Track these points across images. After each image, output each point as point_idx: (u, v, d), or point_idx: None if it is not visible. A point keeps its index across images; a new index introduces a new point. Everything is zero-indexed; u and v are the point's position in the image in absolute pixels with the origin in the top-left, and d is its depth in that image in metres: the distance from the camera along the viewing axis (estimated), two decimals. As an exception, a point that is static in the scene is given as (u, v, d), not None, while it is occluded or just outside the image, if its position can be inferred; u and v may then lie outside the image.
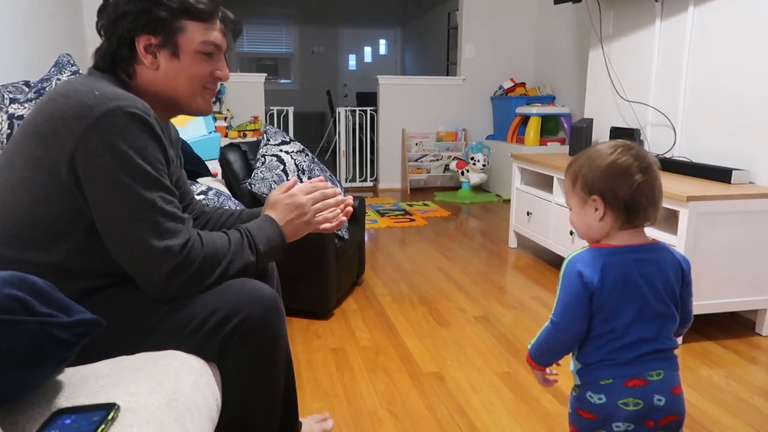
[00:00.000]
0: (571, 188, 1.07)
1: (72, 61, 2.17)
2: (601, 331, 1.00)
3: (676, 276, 1.03)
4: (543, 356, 1.08)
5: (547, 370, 1.13)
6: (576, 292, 0.99)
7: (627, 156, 1.00)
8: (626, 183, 0.98)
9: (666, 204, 2.18)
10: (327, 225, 1.29)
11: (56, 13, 3.59)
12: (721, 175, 2.39)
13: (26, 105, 1.92)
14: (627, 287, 0.99)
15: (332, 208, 1.30)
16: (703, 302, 2.17)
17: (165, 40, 1.09)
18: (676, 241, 2.15)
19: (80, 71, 2.14)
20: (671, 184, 2.31)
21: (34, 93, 1.98)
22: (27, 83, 2.21)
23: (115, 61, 1.10)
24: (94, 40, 1.11)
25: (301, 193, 1.25)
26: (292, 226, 1.23)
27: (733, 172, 2.35)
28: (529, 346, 1.10)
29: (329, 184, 1.33)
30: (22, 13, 3.01)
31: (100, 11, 1.11)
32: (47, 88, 2.00)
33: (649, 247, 1.03)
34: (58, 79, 2.04)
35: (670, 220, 2.29)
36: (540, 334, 1.06)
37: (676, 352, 1.04)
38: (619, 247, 1.01)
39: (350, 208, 1.36)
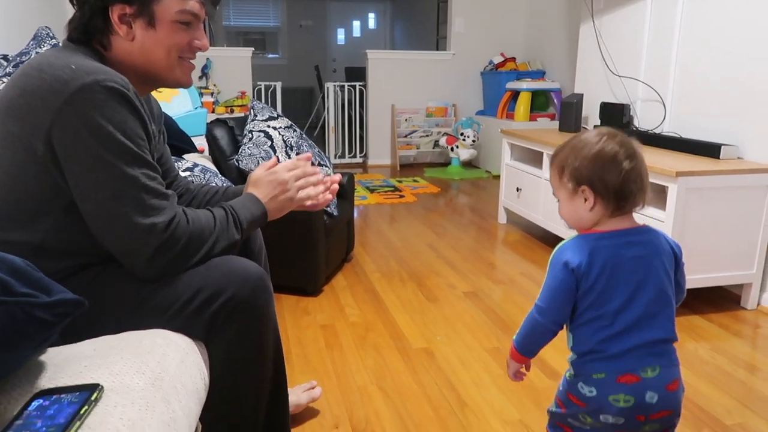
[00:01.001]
0: (558, 180, 1.05)
1: (51, 34, 2.11)
2: (591, 317, 0.99)
3: (670, 260, 1.02)
4: (527, 344, 1.07)
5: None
6: (561, 278, 0.99)
7: (613, 144, 0.99)
8: (615, 171, 0.97)
9: (655, 180, 2.18)
10: (312, 202, 1.28)
11: (35, -16, 3.48)
12: (710, 150, 2.39)
13: (4, 80, 1.87)
14: (617, 271, 0.98)
15: (315, 185, 1.28)
16: (690, 277, 2.17)
17: (140, 10, 1.05)
18: (665, 217, 2.16)
19: (60, 44, 2.08)
20: (660, 160, 2.31)
21: (12, 67, 1.93)
22: (5, 57, 2.15)
23: (89, 31, 1.06)
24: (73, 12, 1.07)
25: (283, 170, 1.24)
26: (275, 202, 1.22)
27: (722, 147, 2.35)
28: (514, 337, 1.09)
29: (311, 156, 1.31)
30: (-1, -16, 2.92)
31: None
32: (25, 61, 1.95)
33: (640, 230, 1.02)
34: (37, 53, 1.99)
35: (659, 196, 2.29)
36: (524, 322, 1.06)
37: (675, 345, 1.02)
38: (608, 231, 1.01)
39: (336, 186, 1.35)
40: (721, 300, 2.39)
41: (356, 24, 9.77)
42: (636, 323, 0.97)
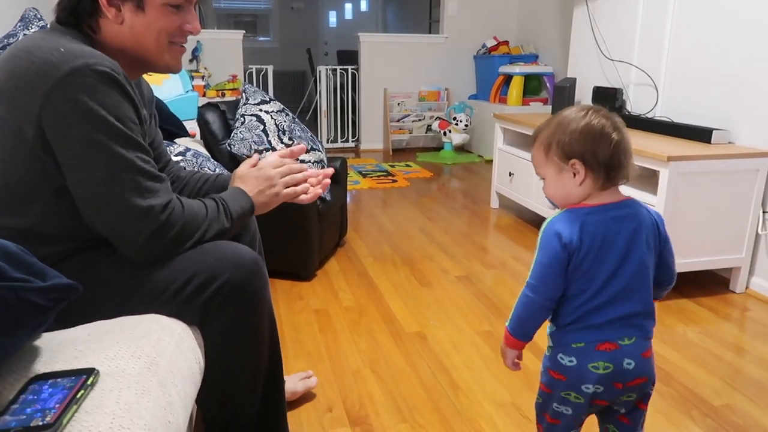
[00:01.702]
0: (544, 157, 1.05)
1: (39, 16, 2.08)
2: (577, 291, 1.00)
3: (652, 234, 1.04)
4: (521, 326, 1.05)
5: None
6: (554, 254, 0.99)
7: (599, 117, 0.99)
8: (605, 142, 0.98)
9: (646, 164, 2.19)
10: (303, 196, 1.29)
11: (21, -36, 3.41)
12: (702, 135, 2.41)
13: (-8, 62, 1.85)
14: (605, 245, 0.99)
15: (300, 182, 1.28)
16: (680, 261, 2.20)
17: None
18: (656, 201, 2.17)
19: (48, 26, 2.05)
20: (652, 144, 2.32)
21: None
22: (-8, 39, 2.12)
23: (77, 14, 1.04)
24: (62, -7, 1.05)
25: (268, 167, 1.24)
26: (262, 196, 1.22)
27: (714, 132, 2.36)
28: (507, 323, 1.08)
29: (305, 148, 1.31)
30: (-16, -35, 2.86)
31: None
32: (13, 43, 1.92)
33: (626, 203, 1.03)
34: (25, 35, 1.96)
35: (651, 180, 2.30)
36: (516, 304, 1.05)
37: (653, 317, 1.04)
38: (596, 206, 1.01)
39: (328, 180, 1.35)
40: (710, 283, 2.42)
41: (348, 6, 9.68)
42: (618, 296, 0.99)
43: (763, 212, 2.30)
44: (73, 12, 1.04)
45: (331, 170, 1.37)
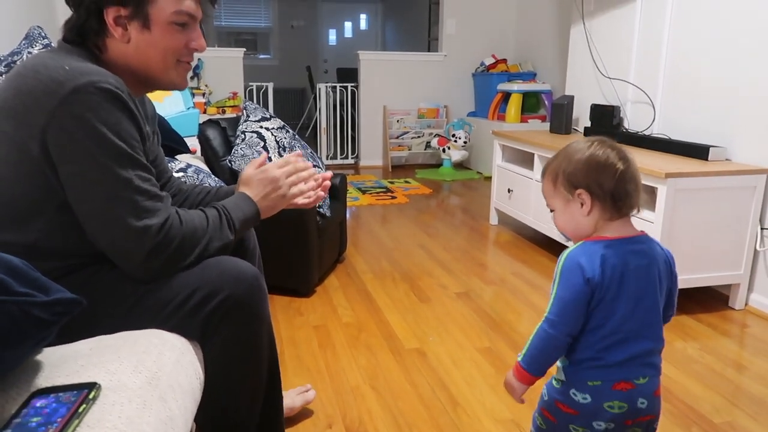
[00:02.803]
0: (552, 188, 1.05)
1: (43, 34, 2.10)
2: (595, 326, 0.98)
3: (666, 270, 1.03)
4: (537, 362, 1.02)
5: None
6: (578, 289, 0.96)
7: (605, 148, 1.00)
8: (609, 172, 0.98)
9: (645, 181, 2.20)
10: (304, 200, 1.29)
11: (25, -17, 3.46)
12: (699, 152, 2.43)
13: (-4, 79, 1.86)
14: (623, 281, 0.98)
15: (306, 180, 1.28)
16: (679, 277, 2.20)
17: (135, 11, 1.04)
18: (654, 218, 2.18)
19: (52, 44, 2.08)
20: (650, 161, 2.34)
21: (4, 67, 1.92)
22: (-4, 57, 2.14)
23: (84, 33, 1.05)
24: (66, 12, 1.07)
25: (273, 168, 1.24)
26: (267, 200, 1.22)
27: (711, 149, 2.38)
28: (520, 357, 1.04)
29: (301, 154, 1.32)
30: (-11, -16, 2.90)
31: None
32: (18, 62, 1.94)
33: (641, 239, 1.02)
34: (29, 53, 1.98)
35: (649, 197, 2.32)
36: (532, 338, 1.01)
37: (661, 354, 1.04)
38: (614, 239, 1.00)
39: (328, 182, 1.36)
40: (709, 300, 2.42)
41: (348, 25, 9.78)
42: (636, 332, 0.98)
43: (761, 229, 2.31)
44: (80, 31, 1.05)
45: (329, 173, 1.37)
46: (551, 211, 1.08)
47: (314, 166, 2.45)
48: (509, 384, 1.07)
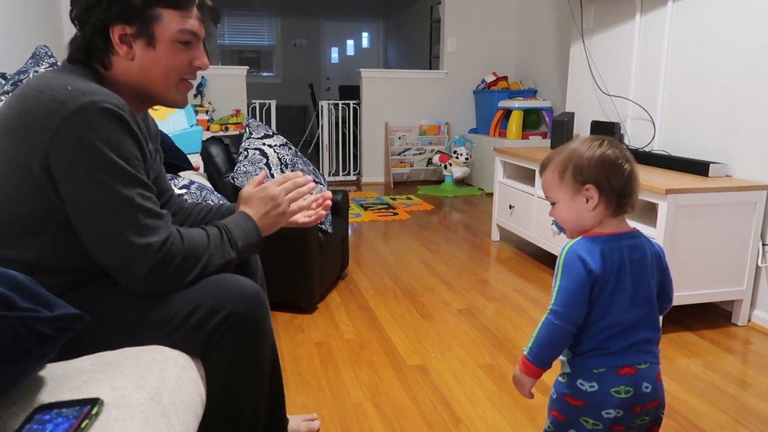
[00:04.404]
0: (558, 181, 1.08)
1: (49, 53, 2.13)
2: (596, 318, 1.02)
3: (658, 263, 1.08)
4: (544, 353, 1.04)
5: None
6: (580, 279, 1.01)
7: (613, 148, 1.05)
8: (619, 172, 1.03)
9: (645, 197, 2.22)
10: (305, 219, 1.29)
11: (32, 3, 3.52)
12: (699, 168, 2.44)
13: (2, 98, 1.89)
14: (621, 274, 1.02)
15: (306, 196, 1.30)
16: (681, 293, 2.21)
17: (140, 30, 1.06)
18: (655, 234, 2.18)
19: (58, 63, 2.10)
20: (651, 177, 2.34)
21: (10, 85, 1.94)
22: (3, 75, 2.17)
23: (89, 51, 1.07)
24: (72, 31, 1.09)
25: (273, 185, 1.25)
26: (267, 218, 1.23)
27: (711, 165, 2.39)
28: (526, 351, 1.07)
29: (300, 173, 1.33)
30: (-3, 4, 2.95)
31: (73, 0, 1.08)
32: (24, 80, 1.97)
33: (635, 234, 1.07)
34: (36, 71, 2.01)
35: (649, 213, 2.32)
36: (538, 330, 1.05)
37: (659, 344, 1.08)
38: (612, 234, 1.05)
39: (329, 202, 1.37)
40: (712, 316, 2.42)
41: (350, 43, 9.88)
42: (635, 322, 1.03)
43: (763, 245, 2.31)
44: (86, 49, 1.07)
45: (329, 194, 1.38)
46: (552, 204, 1.11)
47: (316, 182, 2.47)
48: (517, 379, 1.10)
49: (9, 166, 0.98)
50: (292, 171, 2.39)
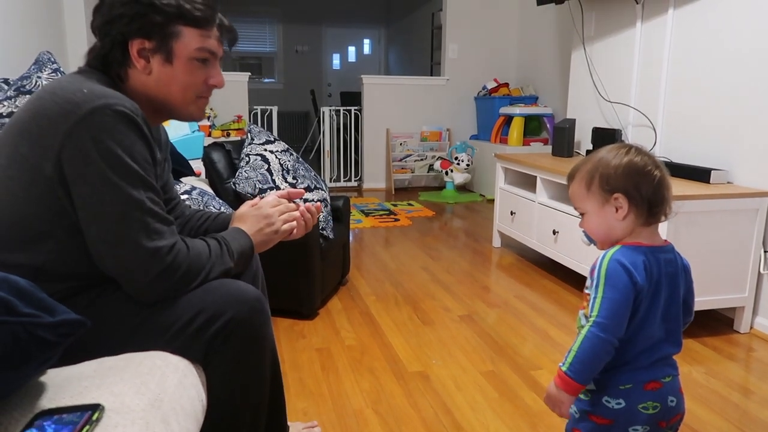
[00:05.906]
0: (585, 191, 1.05)
1: (52, 59, 2.14)
2: (631, 333, 0.98)
3: (685, 278, 1.05)
4: (587, 369, 0.97)
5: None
6: (627, 290, 0.96)
7: (641, 155, 1.02)
8: (648, 178, 1.00)
9: (647, 203, 2.21)
10: (295, 231, 1.31)
11: (35, 9, 3.53)
12: (701, 175, 2.43)
13: (5, 103, 1.89)
14: (658, 288, 1.00)
15: (294, 213, 1.32)
16: (683, 300, 2.20)
17: (159, 45, 1.08)
18: (657, 240, 2.18)
19: (61, 69, 2.11)
20: (652, 184, 2.34)
21: (13, 91, 1.95)
22: (6, 81, 2.18)
23: (107, 62, 1.08)
24: (74, 37, 1.10)
25: (266, 206, 1.27)
26: (261, 235, 1.24)
27: (712, 172, 2.39)
28: (564, 366, 0.98)
29: (302, 192, 1.37)
30: (0, 11, 2.96)
31: (96, 10, 1.09)
32: (27, 86, 1.97)
33: (669, 248, 1.04)
34: (39, 77, 2.01)
35: (651, 220, 2.32)
36: (581, 344, 0.97)
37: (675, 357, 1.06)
38: (651, 246, 1.01)
39: (319, 203, 1.38)
40: (714, 323, 2.41)
41: (351, 49, 9.91)
42: (662, 338, 1.01)
43: (765, 252, 2.31)
44: (104, 60, 1.08)
45: (320, 204, 1.41)
46: (581, 214, 1.08)
47: (317, 188, 2.48)
48: (553, 397, 1.00)
49: (21, 169, 0.99)
50: (293, 177, 2.39)
